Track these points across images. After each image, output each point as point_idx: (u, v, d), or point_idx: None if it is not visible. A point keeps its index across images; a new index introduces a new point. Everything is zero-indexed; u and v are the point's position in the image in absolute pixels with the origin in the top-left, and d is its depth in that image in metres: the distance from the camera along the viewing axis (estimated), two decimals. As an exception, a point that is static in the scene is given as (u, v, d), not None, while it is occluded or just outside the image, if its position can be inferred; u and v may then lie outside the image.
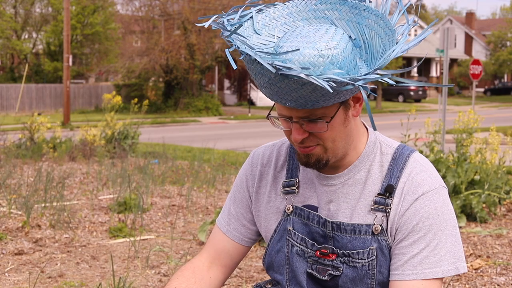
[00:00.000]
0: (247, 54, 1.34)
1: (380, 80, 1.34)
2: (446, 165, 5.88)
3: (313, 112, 1.40)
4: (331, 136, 1.44)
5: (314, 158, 1.47)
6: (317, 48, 1.33)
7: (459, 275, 4.07)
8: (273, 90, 1.37)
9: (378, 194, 1.50)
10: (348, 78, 1.30)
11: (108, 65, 33.40)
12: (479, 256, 4.49)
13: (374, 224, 1.48)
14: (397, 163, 1.51)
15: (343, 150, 1.49)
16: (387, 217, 1.48)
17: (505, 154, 6.38)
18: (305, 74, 1.29)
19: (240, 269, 4.15)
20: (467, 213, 5.57)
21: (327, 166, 1.50)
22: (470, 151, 6.41)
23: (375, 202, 1.49)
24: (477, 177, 6.02)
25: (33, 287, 3.68)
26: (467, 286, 3.86)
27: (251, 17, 1.47)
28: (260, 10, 1.49)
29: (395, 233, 1.48)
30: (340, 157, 1.50)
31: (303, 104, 1.37)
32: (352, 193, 1.52)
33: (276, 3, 1.53)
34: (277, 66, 1.29)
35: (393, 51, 1.37)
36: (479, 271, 4.13)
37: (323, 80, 1.29)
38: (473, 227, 5.34)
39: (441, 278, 1.47)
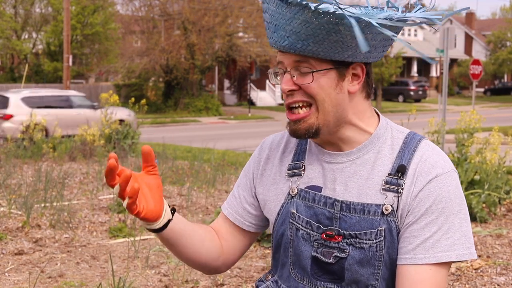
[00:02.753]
0: None
1: (373, 22, 1.35)
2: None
3: (305, 61, 1.43)
4: (319, 95, 1.45)
5: (303, 125, 1.47)
6: None
7: (459, 274, 4.07)
8: (273, 25, 1.42)
9: (389, 174, 1.48)
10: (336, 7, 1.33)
11: (108, 65, 33.40)
12: (479, 256, 4.49)
13: (385, 204, 1.46)
14: (408, 146, 1.50)
15: (334, 121, 1.48)
16: (399, 197, 1.46)
17: (506, 154, 6.38)
18: None
19: (240, 269, 4.15)
20: (467, 213, 5.56)
21: (318, 136, 1.49)
22: (471, 151, 6.41)
23: (386, 182, 1.47)
24: (477, 177, 6.02)
25: (33, 287, 3.68)
26: (467, 286, 3.86)
27: None
28: None
29: (406, 215, 1.46)
30: (332, 129, 1.50)
31: (294, 42, 1.40)
32: (360, 172, 1.50)
33: None
34: None
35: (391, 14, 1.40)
36: (479, 271, 4.13)
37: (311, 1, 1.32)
38: (473, 227, 5.34)
39: (450, 263, 1.45)
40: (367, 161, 1.51)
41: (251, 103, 32.42)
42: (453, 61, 47.56)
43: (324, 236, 1.50)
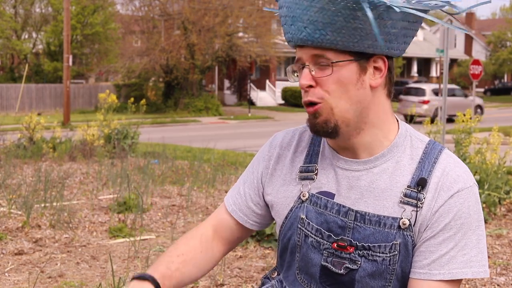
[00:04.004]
0: None
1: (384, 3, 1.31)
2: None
3: (323, 53, 1.37)
4: (338, 90, 1.38)
5: (321, 118, 1.40)
6: None
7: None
8: (290, 17, 1.38)
9: (408, 186, 1.41)
10: None
11: (108, 65, 33.39)
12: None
13: (402, 218, 1.40)
14: (429, 157, 1.44)
15: (354, 119, 1.41)
16: (417, 212, 1.40)
17: (506, 154, 6.38)
18: None
19: (240, 269, 4.15)
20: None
21: (338, 134, 1.42)
22: (469, 151, 6.41)
23: (405, 195, 1.41)
24: (477, 177, 6.01)
25: (33, 287, 3.68)
26: (467, 286, 3.86)
27: None
28: None
29: (425, 229, 1.41)
30: (352, 129, 1.42)
31: (311, 33, 1.35)
32: (377, 182, 1.44)
33: None
34: None
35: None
36: (479, 271, 4.13)
37: None
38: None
39: (461, 280, 1.42)
40: (385, 170, 1.44)
41: (251, 103, 32.41)
42: (453, 61, 47.56)
43: (336, 246, 1.45)
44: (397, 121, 1.50)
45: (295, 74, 1.47)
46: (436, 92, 24.61)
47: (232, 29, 29.22)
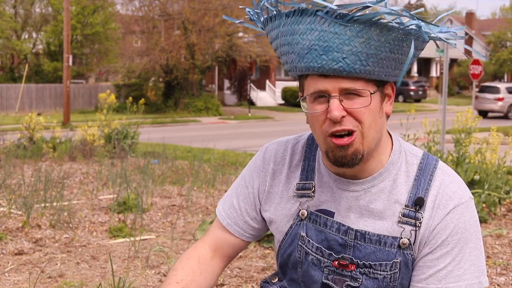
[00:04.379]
0: (292, 2, 1.31)
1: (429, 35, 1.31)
2: (446, 165, 5.88)
3: (355, 84, 1.33)
4: (369, 119, 1.36)
5: (351, 150, 1.36)
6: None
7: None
8: (321, 47, 1.30)
9: (406, 206, 1.43)
10: (414, 19, 1.26)
11: (108, 65, 33.38)
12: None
13: (402, 238, 1.42)
14: (424, 174, 1.45)
15: (373, 148, 1.40)
16: (416, 231, 1.42)
17: (506, 154, 6.38)
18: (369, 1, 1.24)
19: (240, 269, 4.15)
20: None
21: (360, 164, 1.40)
22: (469, 151, 6.41)
23: (404, 215, 1.43)
24: (477, 177, 6.02)
25: (33, 287, 3.68)
26: (467, 286, 3.86)
27: None
28: None
29: (423, 246, 1.43)
30: (368, 157, 1.41)
31: (351, 63, 1.30)
32: (375, 202, 1.45)
33: None
34: (336, 4, 1.27)
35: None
36: (479, 271, 4.13)
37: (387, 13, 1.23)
38: (473, 227, 5.34)
39: None
40: (382, 190, 1.45)
41: (251, 103, 32.42)
42: (453, 61, 47.56)
43: (337, 264, 1.46)
44: (391, 136, 1.51)
45: (311, 103, 1.39)
46: (510, 91, 26.78)
47: (232, 29, 29.21)
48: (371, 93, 1.34)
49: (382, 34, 1.29)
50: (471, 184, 5.94)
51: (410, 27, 1.28)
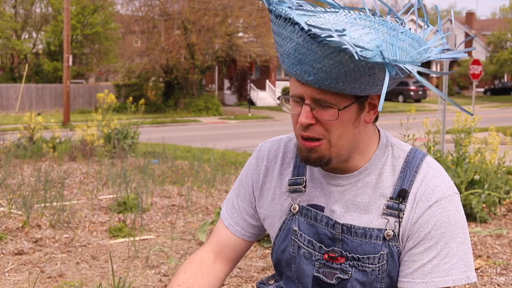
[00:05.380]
0: (285, 8, 1.32)
1: (406, 69, 1.30)
2: (445, 165, 5.88)
3: (327, 96, 1.35)
4: (338, 131, 1.39)
5: (316, 155, 1.42)
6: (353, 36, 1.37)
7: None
8: (296, 58, 1.32)
9: (390, 198, 1.45)
10: (379, 55, 1.25)
11: (108, 65, 33.39)
12: (479, 256, 4.49)
13: (386, 230, 1.45)
14: (410, 166, 1.47)
15: (347, 152, 1.44)
16: (400, 222, 1.44)
17: (506, 154, 6.38)
18: (337, 35, 1.24)
19: (240, 269, 4.15)
20: (467, 213, 5.56)
21: (328, 165, 1.45)
22: (469, 151, 6.41)
23: (388, 207, 1.45)
24: (477, 177, 6.01)
25: (33, 287, 3.68)
26: (467, 286, 3.86)
27: None
28: None
29: (407, 240, 1.45)
30: (343, 160, 1.45)
31: (322, 79, 1.32)
32: (361, 195, 1.48)
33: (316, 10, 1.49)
34: (310, 24, 1.28)
35: (427, 56, 1.38)
36: (479, 271, 4.13)
37: (353, 46, 1.24)
38: (473, 227, 5.34)
39: None
40: (368, 184, 1.48)
41: (251, 103, 32.43)
42: (453, 61, 47.56)
43: (327, 256, 1.49)
44: (379, 131, 1.53)
45: (288, 103, 1.47)
46: None
47: (232, 29, 29.23)
48: (339, 109, 1.36)
49: (351, 61, 1.28)
50: (471, 184, 5.94)
51: (375, 61, 1.26)
